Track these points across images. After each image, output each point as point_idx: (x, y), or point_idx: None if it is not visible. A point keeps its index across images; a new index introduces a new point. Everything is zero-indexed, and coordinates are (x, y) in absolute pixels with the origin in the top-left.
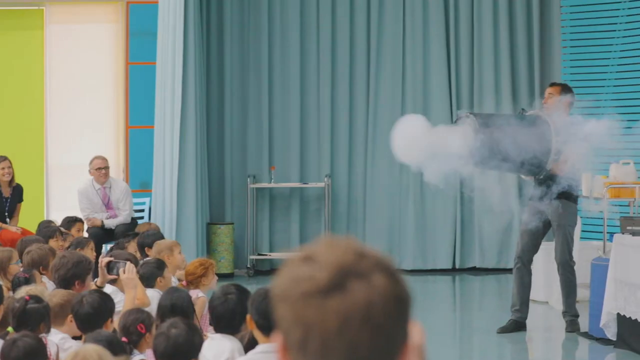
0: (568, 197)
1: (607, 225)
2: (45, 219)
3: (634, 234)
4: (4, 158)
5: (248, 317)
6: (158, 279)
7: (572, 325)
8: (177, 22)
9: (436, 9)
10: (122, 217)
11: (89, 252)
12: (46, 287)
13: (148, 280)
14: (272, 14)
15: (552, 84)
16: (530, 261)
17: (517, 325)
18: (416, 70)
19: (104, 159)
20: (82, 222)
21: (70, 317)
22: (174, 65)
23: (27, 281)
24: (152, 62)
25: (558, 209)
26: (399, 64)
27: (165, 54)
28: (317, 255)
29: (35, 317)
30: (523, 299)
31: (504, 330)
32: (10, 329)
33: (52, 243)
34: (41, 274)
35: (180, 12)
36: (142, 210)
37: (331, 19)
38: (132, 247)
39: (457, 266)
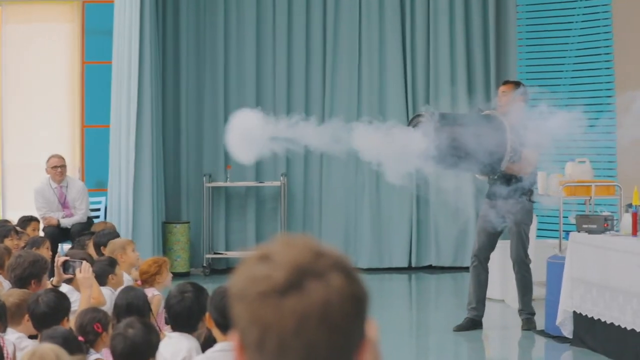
0: (524, 195)
1: (563, 224)
2: (0, 218)
3: (589, 232)
4: None
5: (207, 315)
6: (110, 276)
7: (528, 324)
8: (133, 21)
9: (392, 5)
10: (78, 216)
11: (44, 252)
12: (2, 287)
13: (100, 278)
14: (228, 13)
15: (505, 82)
16: (486, 259)
17: (474, 324)
18: (372, 68)
19: (61, 158)
20: (38, 221)
21: (26, 316)
22: (129, 65)
23: None
24: (108, 61)
25: (513, 207)
26: (354, 61)
27: (121, 53)
28: (274, 254)
29: None
30: (479, 297)
31: (460, 328)
32: None
33: (8, 242)
34: None
35: (136, 11)
36: (98, 210)
37: (287, 17)
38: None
39: (413, 264)
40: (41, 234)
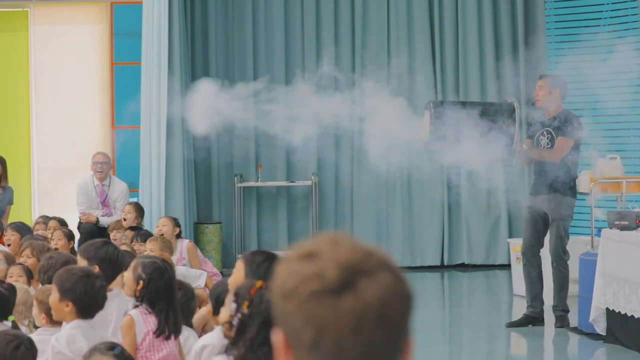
0: (565, 190)
1: (595, 220)
2: (32, 221)
3: (621, 228)
4: None
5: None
6: None
7: (562, 321)
8: (162, 21)
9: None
10: (117, 216)
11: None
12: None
13: None
14: (256, 10)
15: (542, 76)
16: (535, 255)
17: (529, 320)
18: (401, 65)
19: (104, 155)
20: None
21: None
22: (159, 65)
23: None
24: (137, 62)
25: (553, 202)
26: (384, 62)
27: (150, 54)
28: (321, 253)
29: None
30: (533, 294)
31: (513, 324)
32: (11, 317)
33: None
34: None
35: (165, 11)
36: None
37: (315, 15)
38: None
39: (445, 263)
40: (76, 230)
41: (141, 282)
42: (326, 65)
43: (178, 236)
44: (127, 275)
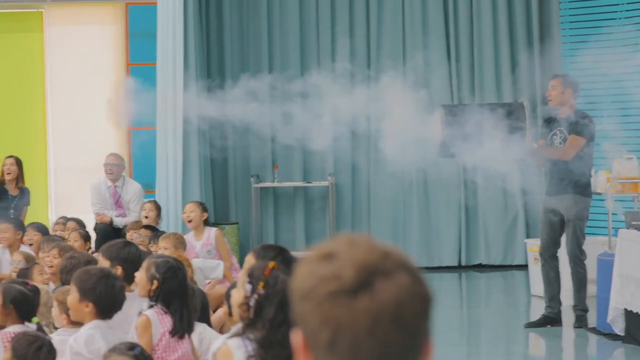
0: (580, 191)
1: (612, 221)
2: (49, 222)
3: (638, 228)
4: (9, 156)
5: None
6: None
7: (581, 320)
8: (177, 22)
9: None
10: (131, 217)
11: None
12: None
13: None
14: (271, 12)
15: (555, 76)
16: (552, 256)
17: (547, 320)
18: (416, 63)
19: (115, 157)
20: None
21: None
22: (174, 65)
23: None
24: (153, 63)
25: (568, 202)
26: (399, 60)
27: (166, 55)
28: (339, 253)
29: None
30: (551, 295)
31: (531, 324)
32: (35, 319)
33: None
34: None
35: (180, 12)
36: None
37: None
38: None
39: (462, 263)
40: (92, 231)
41: (155, 282)
42: (341, 63)
43: (206, 222)
44: (140, 276)
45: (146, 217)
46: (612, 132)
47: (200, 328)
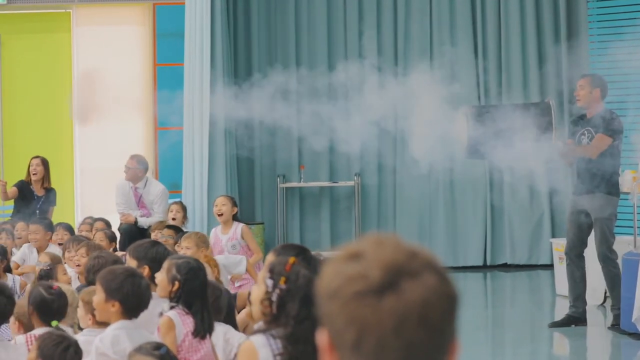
0: (607, 189)
1: (638, 220)
2: (75, 223)
3: None
4: (35, 157)
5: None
6: None
7: (618, 319)
8: (204, 22)
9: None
10: (156, 217)
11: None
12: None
13: None
14: (299, 12)
15: (583, 76)
16: (578, 256)
17: (571, 320)
18: (444, 62)
19: (132, 159)
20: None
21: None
22: (202, 66)
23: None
24: (180, 63)
25: (595, 202)
26: (426, 60)
27: (193, 55)
28: (366, 253)
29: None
30: (575, 295)
31: (555, 324)
32: (54, 323)
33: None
34: None
35: (207, 12)
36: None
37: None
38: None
39: (488, 263)
40: (116, 231)
41: (177, 283)
42: (369, 60)
43: (234, 217)
44: (161, 277)
45: (173, 219)
46: (622, 126)
47: (225, 329)
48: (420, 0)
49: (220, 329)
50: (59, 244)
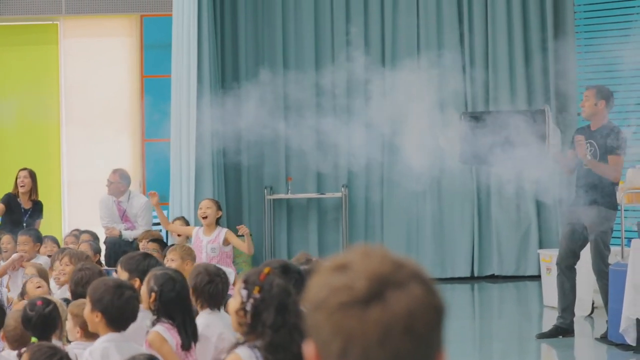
0: (606, 203)
1: (625, 231)
2: (61, 235)
3: None
4: (23, 169)
5: None
6: None
7: None
8: (192, 34)
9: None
10: (140, 230)
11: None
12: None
13: None
14: (286, 24)
15: (588, 87)
16: (569, 267)
17: (559, 331)
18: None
19: (114, 173)
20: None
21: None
22: (189, 77)
23: None
24: (167, 75)
25: (594, 215)
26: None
27: (180, 66)
28: (352, 264)
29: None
30: (564, 305)
31: (543, 335)
32: (33, 339)
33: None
34: None
35: (194, 24)
36: (159, 224)
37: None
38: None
39: (475, 274)
40: (102, 244)
41: (153, 295)
42: (356, 75)
43: (218, 221)
44: (143, 289)
45: (204, 217)
46: (627, 140)
47: (222, 325)
48: (407, 3)
49: (216, 327)
50: (49, 256)
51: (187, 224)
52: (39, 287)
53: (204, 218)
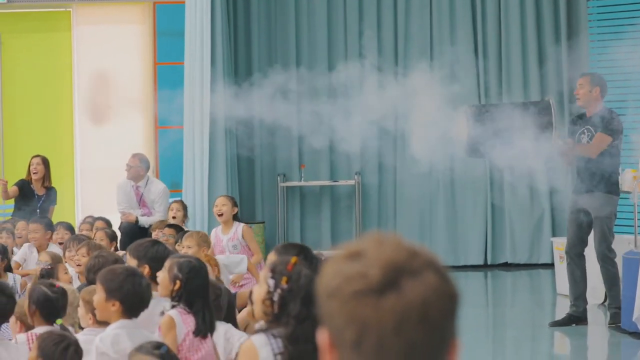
0: (607, 188)
1: (638, 219)
2: (75, 222)
3: None
4: (36, 156)
5: None
6: None
7: (615, 319)
8: (205, 21)
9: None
10: (156, 217)
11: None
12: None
13: None
14: (299, 11)
15: (583, 74)
16: (578, 255)
17: (572, 319)
18: (444, 62)
19: (133, 157)
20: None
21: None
22: (202, 64)
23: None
24: (180, 62)
25: (595, 201)
26: (426, 60)
27: (193, 54)
28: (366, 252)
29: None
30: (576, 294)
31: (556, 323)
32: (59, 321)
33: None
34: None
35: (207, 11)
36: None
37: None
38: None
39: (488, 262)
40: (117, 230)
41: (178, 282)
42: (369, 60)
43: (235, 217)
44: (162, 276)
45: (174, 217)
46: (622, 125)
47: (226, 327)
48: (421, 2)
49: (222, 328)
50: (60, 244)
51: (185, 208)
52: (66, 272)
53: (220, 215)
